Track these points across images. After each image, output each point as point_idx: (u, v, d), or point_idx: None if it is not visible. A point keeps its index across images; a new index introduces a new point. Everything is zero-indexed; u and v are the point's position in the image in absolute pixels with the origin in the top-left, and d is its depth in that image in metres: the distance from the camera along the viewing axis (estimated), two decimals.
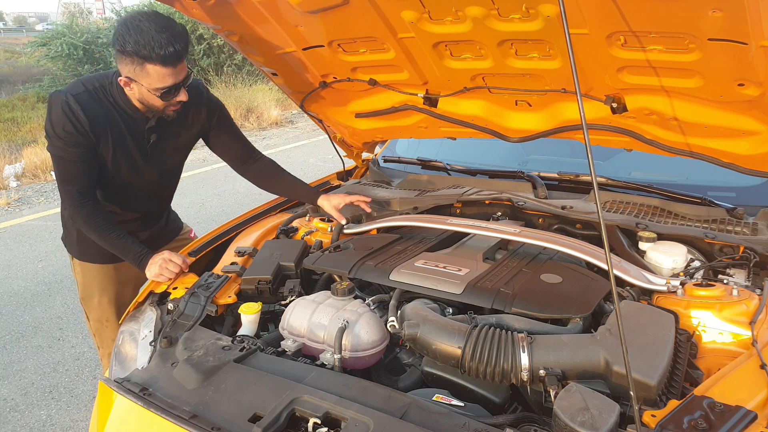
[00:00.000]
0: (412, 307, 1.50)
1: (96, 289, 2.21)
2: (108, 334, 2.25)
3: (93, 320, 2.27)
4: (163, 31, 1.68)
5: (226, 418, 1.24)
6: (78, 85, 1.90)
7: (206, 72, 14.18)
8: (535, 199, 2.13)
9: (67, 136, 1.82)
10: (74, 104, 1.82)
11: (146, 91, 1.81)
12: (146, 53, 1.69)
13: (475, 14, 1.62)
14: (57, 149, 1.86)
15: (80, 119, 1.82)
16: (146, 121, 1.97)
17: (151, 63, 1.72)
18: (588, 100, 1.89)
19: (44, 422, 2.88)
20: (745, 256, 1.71)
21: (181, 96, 1.85)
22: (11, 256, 5.04)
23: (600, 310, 1.52)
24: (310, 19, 1.91)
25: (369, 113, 2.45)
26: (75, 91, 1.86)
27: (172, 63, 1.74)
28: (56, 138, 1.84)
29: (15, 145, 9.49)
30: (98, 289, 2.21)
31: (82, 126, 1.83)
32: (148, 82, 1.77)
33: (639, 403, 1.17)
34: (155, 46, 1.68)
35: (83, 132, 1.84)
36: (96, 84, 1.90)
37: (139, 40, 1.67)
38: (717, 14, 1.33)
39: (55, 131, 1.83)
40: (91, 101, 1.87)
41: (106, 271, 2.18)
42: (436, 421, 1.16)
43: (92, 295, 2.22)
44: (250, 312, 1.64)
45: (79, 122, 1.82)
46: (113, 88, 1.90)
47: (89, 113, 1.84)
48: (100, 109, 1.88)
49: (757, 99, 1.59)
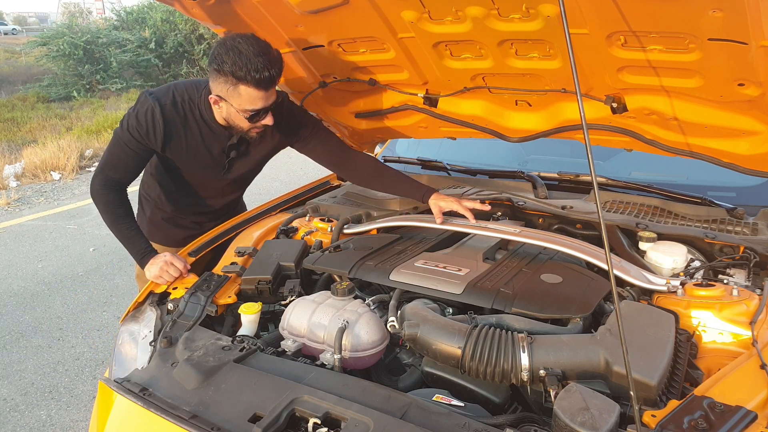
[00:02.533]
0: (412, 307, 1.50)
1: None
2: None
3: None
4: (261, 54, 1.71)
5: (226, 418, 1.24)
6: (169, 94, 1.95)
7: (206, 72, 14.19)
8: (535, 199, 2.13)
9: (138, 136, 1.91)
10: (159, 115, 1.90)
11: (234, 111, 1.84)
12: (242, 75, 1.72)
13: (475, 14, 1.62)
14: (121, 139, 1.93)
15: (157, 130, 1.91)
16: (228, 138, 2.02)
17: (245, 84, 1.74)
18: (588, 100, 1.89)
19: (44, 422, 2.88)
20: (745, 256, 1.71)
21: (267, 120, 1.88)
22: (11, 256, 5.04)
23: (600, 310, 1.52)
24: (310, 19, 1.91)
25: (369, 113, 2.45)
26: (164, 101, 1.93)
27: (265, 87, 1.76)
28: (127, 132, 1.91)
29: (15, 145, 9.50)
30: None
31: (155, 136, 1.92)
32: (239, 102, 1.80)
33: (639, 403, 1.17)
34: (251, 68, 1.70)
35: (153, 139, 1.93)
36: (186, 96, 1.96)
37: (237, 62, 1.70)
38: (717, 14, 1.33)
39: (129, 125, 1.91)
40: (175, 114, 1.94)
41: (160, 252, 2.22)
42: (436, 421, 1.16)
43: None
44: (250, 312, 1.64)
45: (154, 132, 1.91)
46: (202, 102, 1.95)
47: (169, 125, 1.93)
48: (182, 122, 1.96)
49: (757, 99, 1.59)
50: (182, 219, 2.32)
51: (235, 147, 2.07)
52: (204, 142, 2.01)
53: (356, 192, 2.47)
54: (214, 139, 2.01)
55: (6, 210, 6.50)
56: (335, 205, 2.36)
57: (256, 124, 1.90)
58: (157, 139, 1.93)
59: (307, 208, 2.36)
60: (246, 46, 1.71)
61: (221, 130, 1.99)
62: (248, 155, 2.14)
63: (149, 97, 1.92)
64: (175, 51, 15.34)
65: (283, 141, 2.16)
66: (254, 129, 1.93)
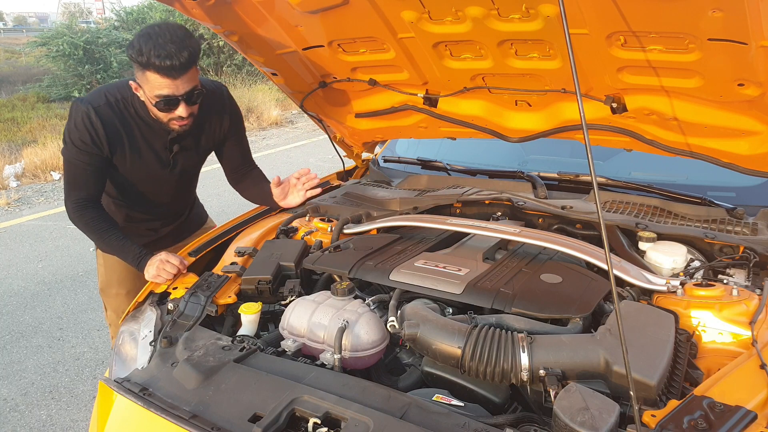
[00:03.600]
0: (412, 307, 1.50)
1: (115, 280, 2.26)
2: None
3: (110, 310, 2.34)
4: (173, 42, 1.71)
5: (226, 418, 1.24)
6: (100, 95, 1.94)
7: (206, 72, 14.20)
8: (535, 199, 2.13)
9: (84, 146, 1.89)
10: (95, 117, 1.88)
11: (147, 98, 1.85)
12: (145, 61, 1.73)
13: (475, 14, 1.62)
14: (71, 155, 1.92)
15: (98, 132, 1.89)
16: (168, 132, 2.00)
17: (149, 70, 1.76)
18: (588, 100, 1.89)
19: (44, 422, 2.88)
20: (745, 256, 1.70)
21: (179, 111, 1.86)
22: (11, 256, 5.04)
23: (600, 310, 1.52)
24: (310, 19, 1.91)
25: (369, 113, 2.45)
26: (97, 102, 1.91)
27: (169, 74, 1.76)
28: (72, 146, 1.90)
29: (15, 145, 9.49)
30: (117, 281, 2.26)
31: (99, 139, 1.90)
32: (149, 89, 1.81)
33: (639, 403, 1.17)
34: (154, 54, 1.71)
35: (99, 144, 1.90)
36: (118, 96, 1.95)
37: (143, 48, 1.71)
38: (717, 14, 1.33)
39: (71, 139, 1.89)
40: (112, 114, 1.92)
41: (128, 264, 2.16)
42: (436, 421, 1.16)
43: (111, 286, 2.28)
44: (250, 312, 1.64)
45: (97, 135, 1.89)
46: (135, 99, 1.94)
47: (108, 127, 1.90)
48: (120, 121, 1.93)
49: (757, 99, 1.59)
50: (136, 227, 2.26)
51: (177, 141, 2.04)
52: (145, 139, 1.99)
53: (356, 192, 2.47)
54: (154, 135, 2.00)
55: (6, 210, 6.50)
56: (335, 205, 2.36)
57: (171, 115, 1.87)
58: (102, 143, 1.90)
59: (307, 208, 2.36)
60: (160, 33, 1.72)
61: (158, 126, 1.97)
62: (190, 149, 2.11)
63: (81, 104, 1.89)
64: None
65: (225, 135, 2.17)
66: (173, 121, 1.90)
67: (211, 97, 2.05)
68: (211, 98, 2.04)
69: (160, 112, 1.87)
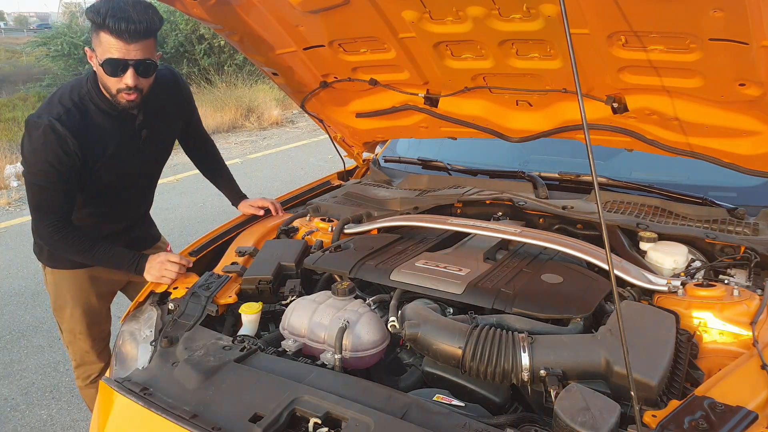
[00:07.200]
0: (413, 307, 1.50)
1: (69, 298, 2.12)
2: (80, 346, 2.19)
3: (65, 331, 2.20)
4: (133, 8, 1.68)
5: (226, 418, 1.24)
6: (55, 105, 1.80)
7: (207, 72, 14.19)
8: (535, 199, 2.12)
9: (52, 167, 1.75)
10: (60, 128, 1.74)
11: (97, 65, 1.76)
12: (101, 21, 1.67)
13: (475, 14, 1.62)
14: (37, 180, 1.78)
15: (68, 143, 1.75)
16: (134, 119, 1.93)
17: (103, 31, 1.68)
18: (589, 100, 1.89)
19: (45, 422, 2.88)
20: (745, 257, 1.70)
21: (126, 78, 1.74)
22: (12, 256, 5.04)
23: (601, 310, 1.52)
24: (310, 19, 1.91)
25: (369, 113, 2.45)
26: (56, 113, 1.76)
27: (121, 36, 1.68)
28: (37, 169, 1.76)
29: (16, 144, 9.48)
30: (71, 299, 2.12)
31: (72, 149, 1.76)
32: (100, 52, 1.73)
33: (640, 403, 1.17)
34: (110, 14, 1.65)
35: (73, 155, 1.77)
36: (75, 97, 1.83)
37: (101, 8, 1.66)
38: (718, 14, 1.33)
39: (37, 160, 1.75)
40: (75, 119, 1.79)
41: (78, 278, 2.10)
42: (437, 421, 1.16)
43: (64, 306, 2.14)
44: (250, 312, 1.64)
45: (68, 147, 1.75)
46: (92, 92, 1.85)
47: (77, 133, 1.77)
48: (85, 122, 1.82)
49: (758, 99, 1.59)
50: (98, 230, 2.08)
51: (144, 125, 1.96)
52: (114, 129, 1.90)
53: (357, 192, 2.47)
54: (119, 125, 1.90)
55: (7, 210, 6.51)
56: (336, 205, 2.36)
57: (119, 84, 1.75)
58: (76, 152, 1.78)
59: (308, 208, 2.36)
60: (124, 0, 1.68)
61: (124, 114, 1.89)
62: (157, 135, 2.04)
63: (39, 119, 1.75)
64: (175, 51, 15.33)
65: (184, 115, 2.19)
66: (121, 93, 1.78)
67: (166, 82, 2.02)
68: (165, 82, 2.01)
69: (108, 79, 1.75)
